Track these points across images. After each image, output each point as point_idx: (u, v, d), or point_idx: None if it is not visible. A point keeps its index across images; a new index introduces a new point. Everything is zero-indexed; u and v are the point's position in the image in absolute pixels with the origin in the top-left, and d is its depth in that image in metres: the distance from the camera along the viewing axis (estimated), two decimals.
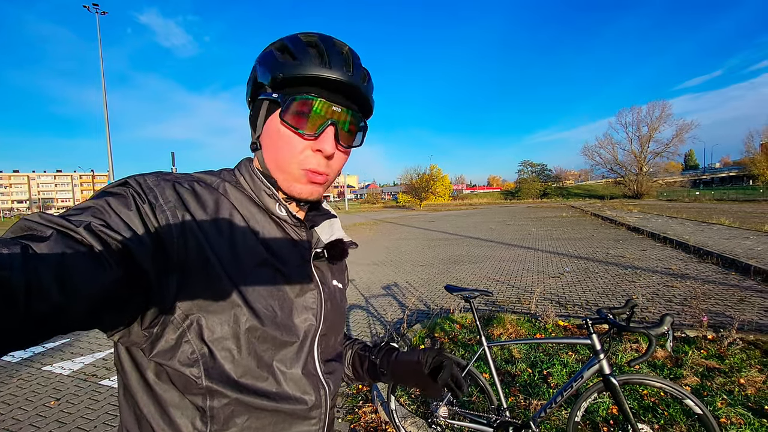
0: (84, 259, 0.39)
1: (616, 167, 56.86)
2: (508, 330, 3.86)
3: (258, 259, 0.58)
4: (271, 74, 0.59)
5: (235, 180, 0.64)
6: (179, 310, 0.51)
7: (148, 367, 0.54)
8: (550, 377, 2.89)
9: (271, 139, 0.61)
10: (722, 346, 3.23)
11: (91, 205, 0.47)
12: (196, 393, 0.53)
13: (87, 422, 2.76)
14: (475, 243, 11.84)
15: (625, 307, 1.82)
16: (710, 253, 7.52)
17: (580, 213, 23.54)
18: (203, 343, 0.52)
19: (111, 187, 0.51)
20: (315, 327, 0.63)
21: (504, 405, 2.02)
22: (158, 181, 0.54)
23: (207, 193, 0.58)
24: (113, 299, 0.42)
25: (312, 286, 0.64)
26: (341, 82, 0.58)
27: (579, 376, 1.82)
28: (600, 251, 9.19)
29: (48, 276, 0.34)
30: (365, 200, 73.07)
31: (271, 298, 0.58)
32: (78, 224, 0.41)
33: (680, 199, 33.44)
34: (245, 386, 0.55)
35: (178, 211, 0.52)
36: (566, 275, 6.81)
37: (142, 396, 0.55)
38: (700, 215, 16.23)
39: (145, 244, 0.47)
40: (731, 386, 2.67)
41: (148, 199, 0.51)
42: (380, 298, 5.80)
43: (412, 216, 28.94)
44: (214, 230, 0.55)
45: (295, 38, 0.62)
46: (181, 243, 0.51)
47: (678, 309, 4.58)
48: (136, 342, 0.51)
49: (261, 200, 0.63)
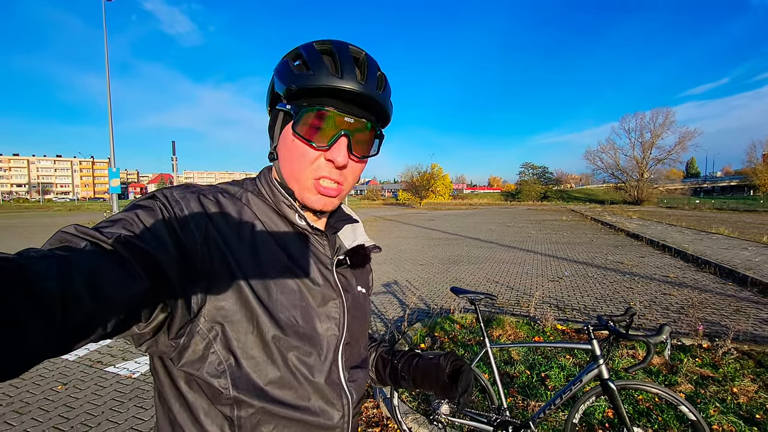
0: (115, 269, 0.40)
1: (617, 172, 56.92)
2: (507, 332, 3.93)
3: (280, 269, 0.59)
4: (285, 85, 0.59)
5: (257, 190, 0.65)
6: (204, 319, 0.53)
7: (179, 375, 0.56)
8: (548, 380, 2.96)
9: (287, 149, 0.62)
10: (717, 355, 3.30)
11: (122, 217, 0.49)
12: (224, 403, 0.55)
13: (94, 407, 2.83)
14: (474, 244, 11.91)
15: (624, 315, 1.89)
16: (708, 263, 7.59)
17: (580, 217, 23.62)
18: (229, 352, 0.54)
19: (140, 201, 0.54)
20: (338, 337, 0.64)
21: (504, 405, 2.08)
22: (184, 193, 0.56)
23: (230, 204, 0.59)
24: (142, 308, 0.44)
25: (334, 295, 0.65)
26: (353, 91, 0.58)
27: (578, 380, 1.89)
28: (599, 256, 9.26)
29: (81, 285, 0.35)
30: (365, 196, 73.12)
31: (293, 307, 0.59)
32: (110, 236, 0.43)
33: (680, 207, 33.55)
34: (270, 396, 0.56)
35: (202, 222, 0.54)
36: (565, 279, 6.88)
37: (175, 402, 0.57)
38: (699, 224, 16.31)
39: (172, 254, 0.48)
40: (724, 394, 2.74)
41: (174, 210, 0.53)
42: (381, 296, 5.87)
43: (412, 214, 28.99)
44: (237, 240, 0.56)
45: (309, 47, 0.61)
46: (205, 252, 0.52)
47: (675, 317, 4.66)
48: (164, 351, 0.53)
49: (281, 210, 0.64)
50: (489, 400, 2.17)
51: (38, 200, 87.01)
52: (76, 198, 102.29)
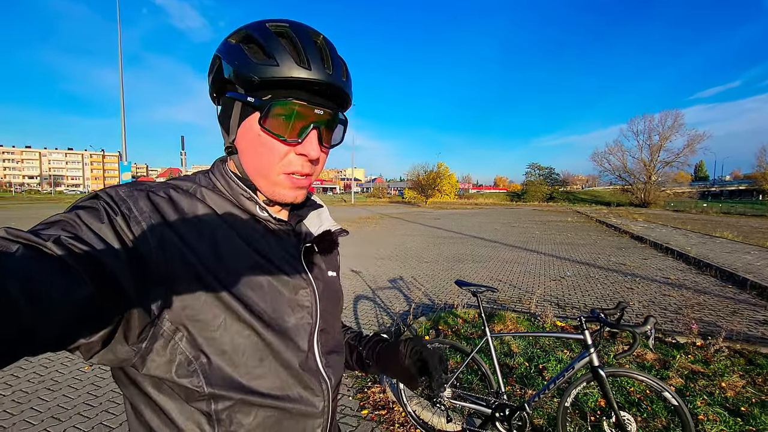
0: (55, 274, 0.37)
1: (624, 174, 56.59)
2: (508, 326, 4.10)
3: (245, 262, 0.57)
4: (241, 73, 0.55)
5: (212, 184, 0.62)
6: (167, 321, 0.50)
7: (144, 381, 0.53)
8: (545, 371, 3.13)
9: (250, 144, 0.58)
10: (709, 353, 3.44)
11: (61, 218, 0.46)
12: (200, 400, 0.53)
13: None
14: (479, 243, 12.05)
15: (616, 308, 2.04)
16: (710, 266, 7.68)
17: (585, 219, 23.62)
18: (199, 351, 0.52)
19: (82, 201, 0.50)
20: (312, 324, 0.63)
21: (502, 389, 2.25)
22: (131, 191, 0.53)
23: (184, 200, 0.56)
24: (87, 316, 0.40)
25: (304, 284, 0.64)
26: (323, 83, 0.56)
27: (570, 367, 2.05)
28: (602, 257, 9.37)
29: (16, 292, 0.32)
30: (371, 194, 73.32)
31: (262, 300, 0.57)
32: (47, 238, 0.40)
33: (687, 210, 33.34)
34: (248, 387, 0.55)
35: (155, 221, 0.51)
36: (567, 279, 7.02)
37: (145, 408, 0.55)
38: (705, 227, 16.29)
39: (120, 256, 0.45)
40: (712, 388, 2.89)
41: (120, 210, 0.49)
42: (387, 290, 6.05)
43: (418, 213, 29.14)
44: (195, 237, 0.54)
45: (262, 28, 0.57)
46: (160, 253, 0.50)
47: (672, 317, 4.79)
48: (123, 359, 0.49)
49: (240, 203, 0.61)
50: (488, 386, 2.34)
51: (49, 192, 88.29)
52: (86, 190, 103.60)
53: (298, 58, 0.55)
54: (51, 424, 2.52)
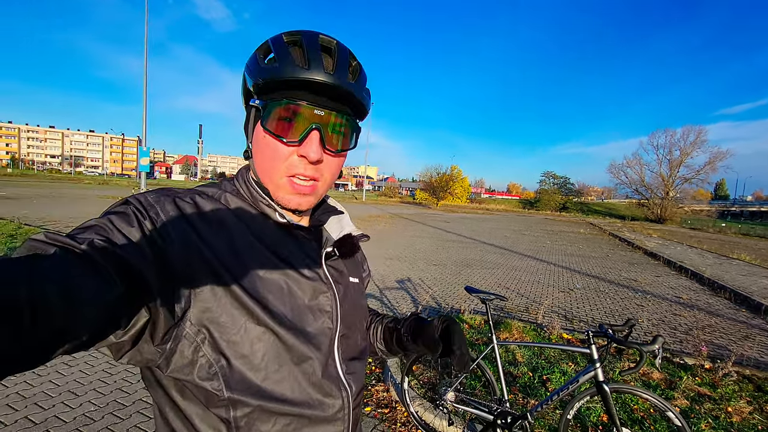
0: (88, 276, 0.38)
1: (641, 188, 55.47)
2: (513, 335, 4.11)
3: (266, 267, 0.58)
4: (253, 80, 0.58)
5: (236, 190, 0.64)
6: (190, 323, 0.51)
7: (169, 383, 0.55)
8: (549, 382, 3.14)
9: (259, 147, 0.60)
10: (717, 376, 3.40)
11: (95, 223, 0.48)
12: (219, 405, 0.54)
13: (133, 367, 3.15)
14: (489, 249, 12.01)
15: (624, 325, 2.05)
16: (724, 288, 7.53)
17: (598, 231, 23.30)
18: (220, 354, 0.53)
19: (113, 207, 0.52)
20: (332, 330, 0.63)
21: (506, 397, 2.28)
22: (158, 197, 0.55)
23: (208, 205, 0.58)
24: (117, 317, 0.42)
25: (325, 288, 0.64)
26: (322, 83, 0.56)
27: (575, 380, 2.07)
28: (613, 272, 9.26)
29: (53, 294, 0.33)
30: (382, 193, 73.39)
31: (282, 304, 0.58)
32: (81, 241, 0.42)
33: (704, 229, 32.56)
34: (266, 393, 0.55)
35: (180, 225, 0.53)
36: (576, 291, 6.97)
37: (170, 413, 0.57)
38: (722, 248, 15.92)
39: (148, 258, 0.47)
40: (718, 412, 2.87)
41: (149, 215, 0.52)
42: (394, 291, 6.09)
43: (428, 214, 29.10)
44: (217, 240, 0.55)
45: (277, 38, 0.59)
46: (185, 257, 0.51)
47: (681, 337, 4.73)
48: (150, 360, 0.51)
49: (260, 208, 0.63)
50: (492, 393, 2.37)
51: (70, 172, 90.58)
52: (105, 173, 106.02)
53: (301, 60, 0.56)
54: (68, 398, 2.63)
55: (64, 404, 2.56)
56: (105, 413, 2.50)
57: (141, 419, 2.46)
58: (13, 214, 10.46)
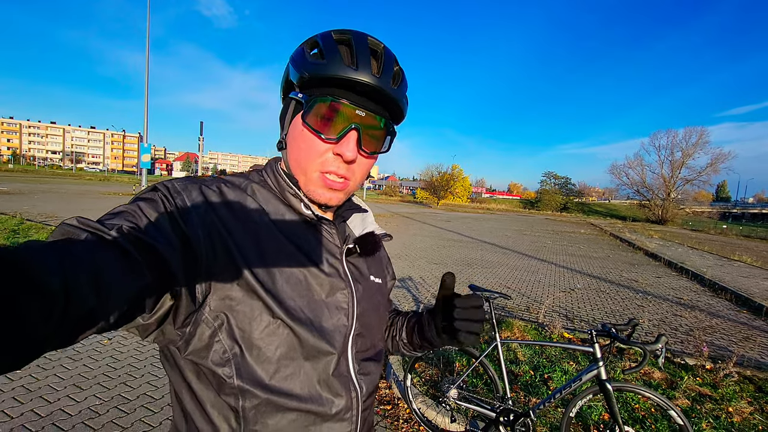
0: (117, 261, 0.39)
1: (642, 189, 55.41)
2: (515, 334, 4.13)
3: (286, 259, 0.58)
4: (299, 73, 0.58)
5: (263, 180, 0.65)
6: (210, 308, 0.53)
7: (186, 367, 0.56)
8: (550, 381, 3.15)
9: (295, 140, 0.61)
10: (718, 377, 3.42)
11: (125, 209, 0.49)
12: (229, 393, 0.55)
13: (137, 361, 3.17)
14: (489, 248, 12.02)
15: (627, 324, 2.06)
16: (725, 289, 7.54)
17: (599, 231, 23.30)
18: (234, 341, 0.54)
19: (142, 193, 0.53)
20: (347, 327, 0.62)
21: (508, 395, 2.29)
22: (185, 185, 0.56)
23: (234, 194, 0.59)
24: (145, 300, 0.43)
25: (343, 285, 0.63)
26: (368, 85, 0.57)
27: (578, 378, 2.08)
28: (614, 272, 9.27)
29: (83, 278, 0.34)
30: (383, 192, 73.38)
31: (299, 297, 0.58)
32: (111, 227, 0.43)
33: (705, 230, 32.51)
34: (275, 387, 0.55)
35: (205, 213, 0.54)
36: (577, 291, 6.98)
37: (185, 395, 0.58)
38: (723, 250, 15.91)
39: (174, 245, 0.48)
40: (719, 412, 2.88)
41: (175, 202, 0.52)
42: (395, 289, 6.10)
43: (429, 213, 29.11)
44: (241, 230, 0.56)
45: (326, 35, 0.60)
46: (209, 244, 0.52)
47: (682, 337, 4.74)
48: (171, 341, 0.53)
49: (286, 199, 0.63)
50: (494, 391, 2.38)
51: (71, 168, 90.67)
52: (106, 169, 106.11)
53: (347, 59, 0.57)
54: (73, 391, 2.65)
55: (69, 398, 2.57)
56: (110, 407, 2.51)
57: (145, 413, 2.48)
58: (15, 210, 10.50)
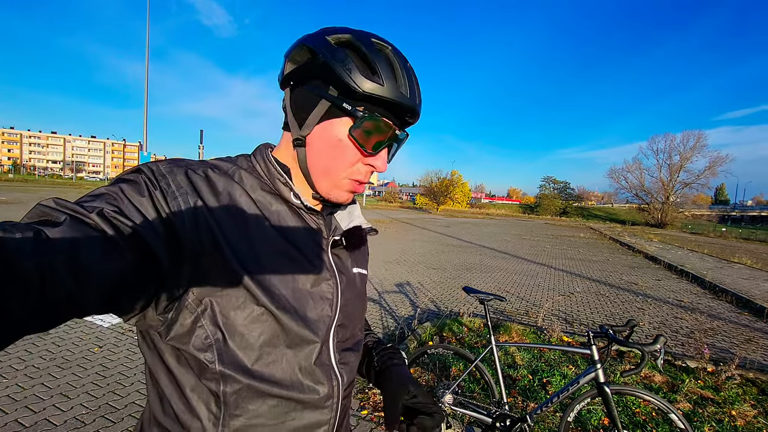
0: (97, 245, 0.38)
1: (641, 193, 55.37)
2: (513, 338, 4.06)
3: (272, 247, 0.58)
4: (346, 81, 0.56)
5: (251, 167, 0.63)
6: (193, 295, 0.52)
7: (166, 351, 0.55)
8: (549, 385, 3.09)
9: (325, 144, 0.60)
10: (720, 380, 3.35)
11: (105, 191, 0.48)
12: (210, 378, 0.54)
13: (127, 369, 3.11)
14: (488, 253, 11.96)
15: (625, 326, 2.02)
16: (725, 291, 7.48)
17: (598, 235, 23.25)
18: (217, 327, 0.53)
19: (125, 174, 0.52)
20: (330, 317, 0.63)
21: (504, 400, 2.24)
22: (171, 167, 0.54)
23: (221, 180, 0.58)
24: (126, 285, 0.42)
25: (328, 275, 0.64)
26: (411, 109, 0.60)
27: (575, 382, 2.03)
28: (613, 276, 9.21)
29: (61, 261, 0.33)
30: (383, 198, 73.38)
31: (284, 286, 0.58)
32: (91, 210, 0.42)
33: (705, 233, 32.49)
34: (257, 373, 0.55)
35: (190, 198, 0.52)
36: (576, 295, 6.92)
37: (163, 378, 0.57)
38: (723, 252, 15.86)
39: (157, 230, 0.47)
40: (722, 416, 2.82)
41: (160, 185, 0.51)
42: (393, 294, 6.05)
43: (429, 219, 29.06)
44: (227, 217, 0.55)
45: (369, 43, 0.58)
46: (193, 229, 0.51)
47: (683, 340, 4.68)
48: (152, 326, 0.53)
49: (276, 187, 0.63)
50: (490, 395, 2.33)
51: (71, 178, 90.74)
52: (105, 178, 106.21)
53: (402, 84, 0.59)
54: (60, 400, 2.59)
55: (55, 407, 2.51)
56: (97, 416, 2.45)
57: (132, 422, 2.41)
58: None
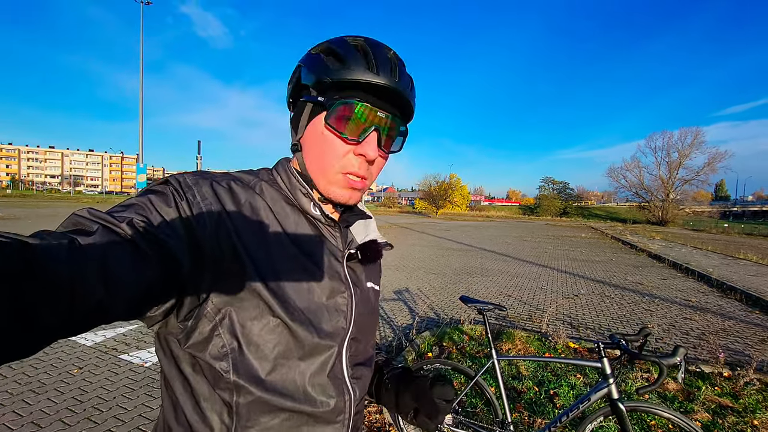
0: (126, 254, 0.40)
1: (641, 191, 55.23)
2: (517, 346, 3.86)
3: (289, 259, 0.59)
4: (317, 77, 0.59)
5: (272, 179, 0.65)
6: (212, 304, 0.53)
7: (183, 358, 0.56)
8: (556, 397, 2.89)
9: (314, 141, 0.62)
10: (737, 385, 3.15)
11: (135, 202, 0.49)
12: (224, 388, 0.55)
13: (106, 392, 2.91)
14: (489, 256, 11.76)
15: (638, 334, 1.83)
16: (734, 289, 7.28)
17: (600, 235, 23.05)
18: (233, 337, 0.54)
19: (153, 186, 0.54)
20: (345, 330, 0.63)
21: (509, 419, 2.04)
22: (197, 179, 0.56)
23: (243, 192, 0.59)
24: (152, 293, 0.44)
25: (343, 288, 0.64)
26: (388, 87, 0.59)
27: (586, 398, 1.84)
28: (618, 276, 9.01)
29: (92, 270, 0.35)
30: (382, 203, 73.25)
31: (300, 298, 0.58)
32: (122, 220, 0.43)
33: (707, 230, 32.22)
34: (270, 385, 0.55)
35: (214, 207, 0.54)
36: (581, 297, 6.71)
37: (178, 386, 0.57)
38: (727, 249, 15.64)
39: (183, 240, 0.49)
40: (743, 426, 2.62)
41: (186, 196, 0.53)
42: (391, 302, 5.85)
43: (428, 223, 28.87)
44: (247, 226, 0.56)
45: (341, 41, 0.62)
46: (215, 239, 0.52)
47: (694, 342, 4.48)
48: (172, 332, 0.54)
49: (296, 199, 0.64)
50: (493, 413, 2.13)
51: (69, 192, 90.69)
52: (104, 191, 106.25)
53: (368, 64, 0.59)
54: (32, 429, 2.39)
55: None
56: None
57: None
58: None
